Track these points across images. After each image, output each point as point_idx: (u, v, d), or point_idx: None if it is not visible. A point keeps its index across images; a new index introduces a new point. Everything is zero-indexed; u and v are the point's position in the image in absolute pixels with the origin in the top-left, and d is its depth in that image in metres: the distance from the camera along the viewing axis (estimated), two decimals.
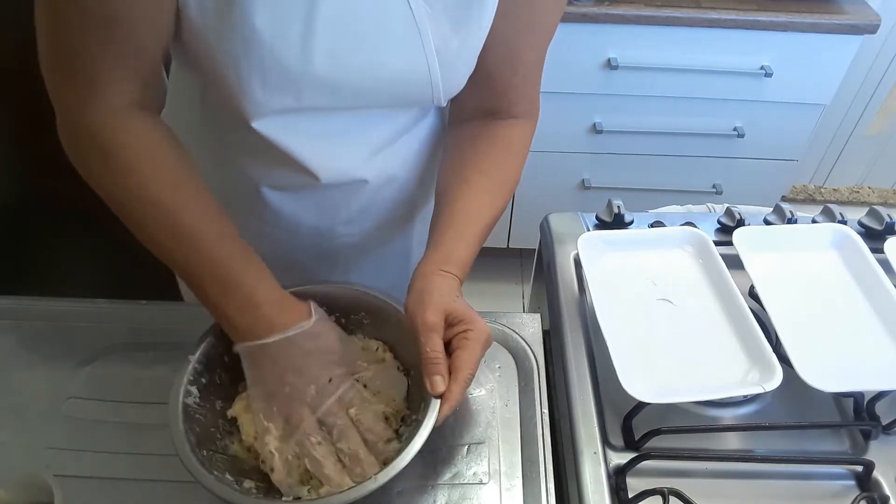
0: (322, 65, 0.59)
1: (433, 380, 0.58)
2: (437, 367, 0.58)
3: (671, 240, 0.82)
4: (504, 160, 0.72)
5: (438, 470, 0.65)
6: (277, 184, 0.72)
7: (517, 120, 0.73)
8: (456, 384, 0.58)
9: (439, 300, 0.60)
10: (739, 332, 0.71)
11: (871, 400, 0.70)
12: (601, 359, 0.73)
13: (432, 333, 0.59)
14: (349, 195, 0.75)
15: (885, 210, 0.89)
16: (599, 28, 1.48)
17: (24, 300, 0.79)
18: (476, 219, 0.67)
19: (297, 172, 0.70)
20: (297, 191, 0.73)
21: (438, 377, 0.58)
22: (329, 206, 0.76)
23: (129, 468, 0.64)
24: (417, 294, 0.61)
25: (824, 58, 1.54)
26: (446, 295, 0.61)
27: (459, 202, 0.68)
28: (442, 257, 0.64)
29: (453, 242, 0.65)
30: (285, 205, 0.74)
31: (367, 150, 0.72)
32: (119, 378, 0.71)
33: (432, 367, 0.58)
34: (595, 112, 1.66)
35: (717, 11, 1.46)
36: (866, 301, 0.76)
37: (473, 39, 0.64)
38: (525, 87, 0.72)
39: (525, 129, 0.74)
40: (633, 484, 0.63)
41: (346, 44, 0.59)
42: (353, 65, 0.61)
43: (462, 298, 0.63)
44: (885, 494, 0.64)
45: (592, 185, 1.79)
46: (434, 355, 0.59)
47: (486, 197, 0.69)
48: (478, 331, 0.60)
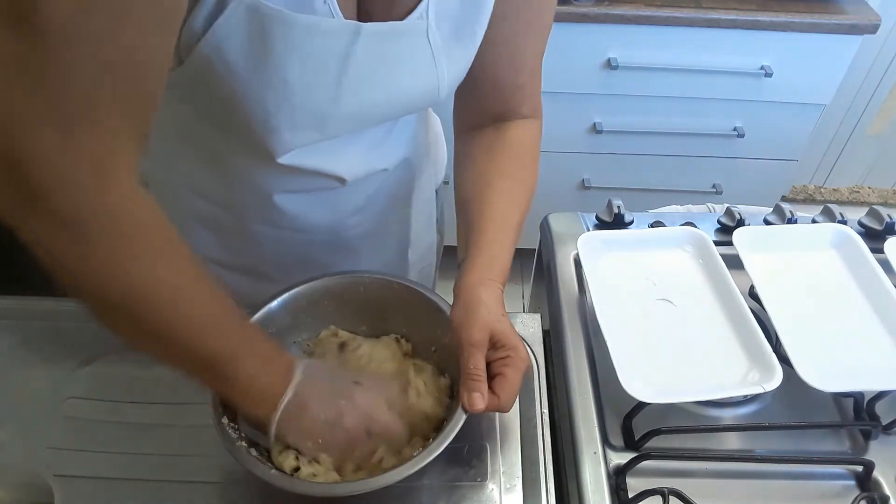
0: (348, 104, 0.60)
1: (472, 396, 0.58)
2: (476, 385, 0.58)
3: (671, 240, 0.82)
4: (522, 162, 0.73)
5: (438, 470, 0.64)
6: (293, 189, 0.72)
7: (525, 120, 0.74)
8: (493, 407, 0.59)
9: (486, 317, 0.60)
10: (739, 332, 0.71)
11: (871, 400, 0.70)
12: (601, 359, 0.73)
13: (476, 351, 0.59)
14: (366, 186, 0.76)
15: (885, 210, 0.89)
16: (599, 28, 1.48)
17: (24, 300, 0.79)
18: (509, 223, 0.68)
19: (321, 178, 0.70)
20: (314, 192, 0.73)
21: (478, 394, 0.58)
22: (343, 201, 0.76)
23: (129, 468, 0.64)
24: (464, 307, 0.61)
25: (824, 58, 1.54)
26: (493, 312, 0.61)
27: (489, 209, 0.68)
28: (485, 265, 0.64)
29: (492, 249, 0.65)
30: (299, 206, 0.74)
31: (380, 141, 0.73)
32: (119, 378, 0.71)
33: (472, 382, 0.58)
34: (595, 112, 1.66)
35: (717, 11, 1.46)
36: (866, 301, 0.76)
37: (473, 40, 0.65)
38: (530, 87, 0.73)
39: (534, 128, 0.75)
40: (633, 484, 0.63)
41: (370, 82, 0.60)
42: (376, 98, 0.62)
43: (506, 318, 0.62)
44: (885, 494, 0.64)
45: (592, 185, 1.79)
46: (476, 372, 0.59)
47: (513, 201, 0.69)
48: (519, 359, 0.60)
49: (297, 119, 0.60)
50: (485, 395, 0.58)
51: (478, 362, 0.59)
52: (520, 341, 0.61)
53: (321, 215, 0.76)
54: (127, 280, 0.48)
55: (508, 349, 0.60)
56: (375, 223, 0.81)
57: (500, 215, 0.68)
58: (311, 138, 0.63)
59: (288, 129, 0.60)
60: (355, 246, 0.82)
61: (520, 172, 0.72)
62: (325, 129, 0.63)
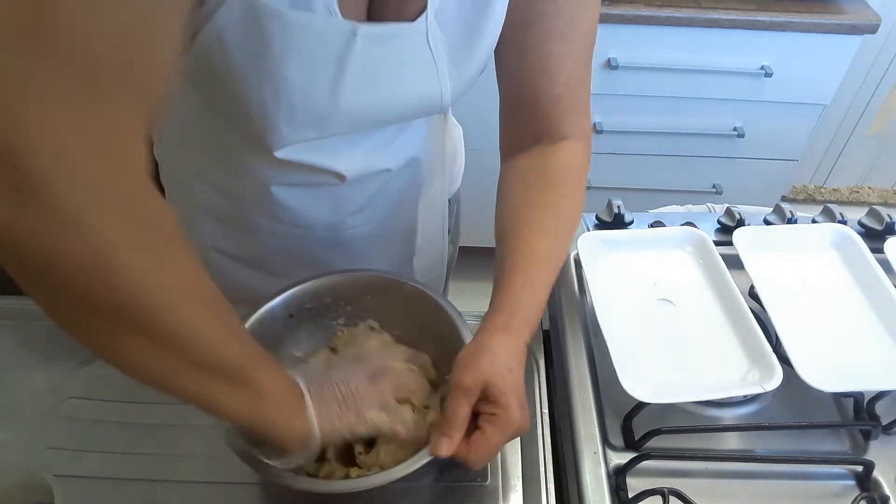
0: (347, 104, 0.60)
1: (439, 440, 0.55)
2: (448, 430, 0.55)
3: (671, 240, 0.82)
4: (560, 191, 0.67)
5: (439, 470, 0.64)
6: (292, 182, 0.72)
7: (568, 143, 0.68)
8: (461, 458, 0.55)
9: (487, 368, 0.56)
10: (739, 332, 0.71)
11: (871, 400, 0.70)
12: (601, 359, 0.73)
13: (461, 396, 0.56)
14: (368, 185, 0.75)
15: (885, 210, 0.89)
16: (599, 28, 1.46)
17: (25, 300, 0.79)
18: (543, 260, 0.63)
19: (319, 174, 0.70)
20: (313, 187, 0.73)
21: (445, 440, 0.55)
22: (344, 199, 0.75)
23: (129, 468, 0.64)
24: (472, 349, 0.58)
25: (824, 58, 1.54)
26: (497, 364, 0.56)
27: (522, 244, 0.63)
28: (510, 310, 0.60)
29: (520, 293, 0.61)
30: (297, 201, 0.74)
31: (386, 141, 0.72)
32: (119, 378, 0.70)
33: (445, 427, 0.56)
34: (595, 112, 1.66)
35: (717, 11, 1.46)
36: (866, 301, 0.76)
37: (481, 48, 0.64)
38: (570, 100, 0.67)
39: (577, 150, 0.68)
40: (633, 484, 0.63)
41: (370, 84, 0.60)
42: (376, 100, 0.62)
43: (514, 374, 0.57)
44: (885, 494, 0.64)
45: (592, 185, 1.78)
46: (452, 417, 0.55)
47: (547, 235, 0.64)
48: (507, 421, 0.55)
49: (295, 116, 0.59)
50: (455, 443, 0.55)
51: (457, 408, 0.55)
52: (514, 402, 0.56)
53: (320, 212, 0.76)
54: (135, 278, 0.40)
55: (498, 407, 0.55)
56: (378, 225, 0.81)
57: (532, 253, 0.63)
58: (309, 136, 0.63)
59: (286, 125, 0.60)
60: (357, 247, 0.81)
61: (556, 204, 0.66)
62: (323, 128, 0.62)
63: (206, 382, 0.47)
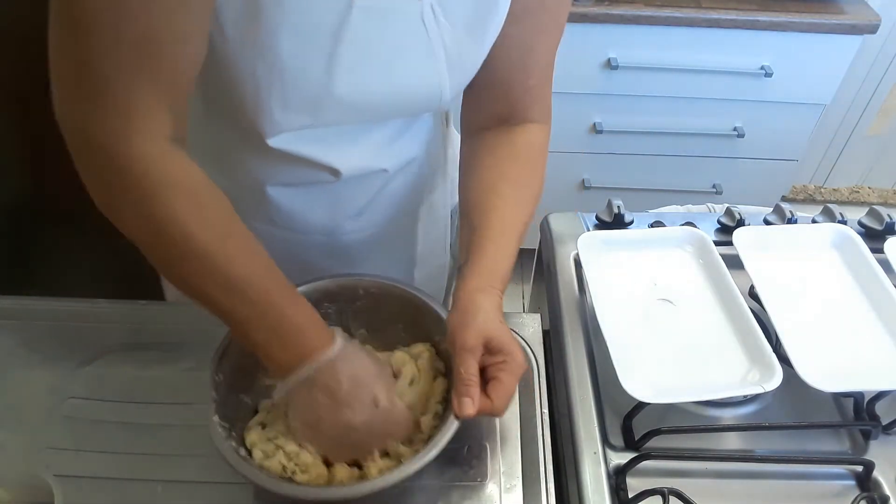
0: (342, 87, 0.59)
1: (462, 401, 0.57)
2: (468, 389, 0.58)
3: (671, 240, 0.82)
4: (528, 167, 0.71)
5: (438, 470, 0.64)
6: (287, 181, 0.72)
7: (533, 124, 0.72)
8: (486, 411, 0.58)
9: (483, 324, 0.59)
10: (739, 332, 0.71)
11: (871, 400, 0.70)
12: (601, 359, 0.73)
13: (469, 356, 0.58)
14: (365, 186, 0.75)
15: (885, 210, 0.89)
16: (599, 28, 1.48)
17: (25, 300, 0.79)
18: (512, 229, 0.67)
19: (315, 170, 0.69)
20: (309, 187, 0.72)
21: (468, 399, 0.57)
22: (341, 200, 0.75)
23: (129, 468, 0.64)
24: (462, 313, 0.61)
25: (824, 58, 1.54)
26: (490, 318, 0.60)
27: (494, 214, 0.67)
28: (486, 271, 0.63)
29: (494, 255, 0.64)
30: (294, 202, 0.74)
31: (386, 140, 0.72)
32: (119, 378, 0.71)
33: (464, 388, 0.58)
34: (595, 112, 1.66)
35: (717, 11, 1.46)
36: (866, 301, 0.76)
37: (485, 41, 0.64)
38: (540, 90, 0.71)
39: (542, 132, 0.73)
40: (633, 484, 0.63)
41: (365, 66, 0.59)
42: (371, 86, 0.61)
43: (505, 325, 0.61)
44: (885, 494, 0.64)
45: (592, 185, 1.79)
46: (467, 377, 0.58)
47: (517, 207, 0.68)
48: (516, 364, 0.59)
49: (288, 98, 0.59)
50: (476, 400, 0.57)
51: (469, 367, 0.58)
52: (517, 347, 0.60)
53: (317, 214, 0.75)
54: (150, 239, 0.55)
55: (505, 354, 0.59)
56: (376, 232, 0.81)
57: (503, 221, 0.67)
58: (303, 122, 0.62)
59: (279, 108, 0.59)
60: (354, 254, 0.81)
61: (525, 178, 0.71)
62: (317, 114, 0.62)
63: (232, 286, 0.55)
